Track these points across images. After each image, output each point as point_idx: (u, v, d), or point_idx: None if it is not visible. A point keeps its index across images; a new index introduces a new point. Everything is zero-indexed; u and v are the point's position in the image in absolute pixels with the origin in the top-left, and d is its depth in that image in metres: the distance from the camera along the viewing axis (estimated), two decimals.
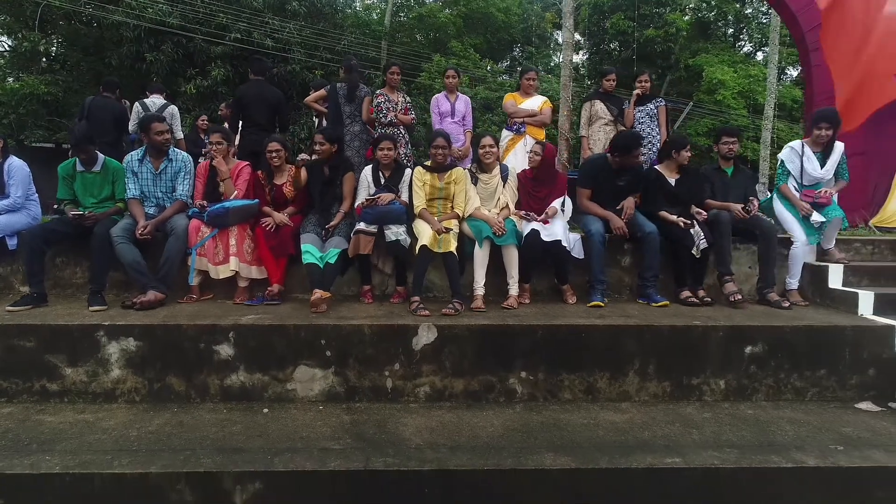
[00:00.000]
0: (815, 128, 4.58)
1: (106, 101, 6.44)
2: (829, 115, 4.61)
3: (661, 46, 26.24)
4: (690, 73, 26.98)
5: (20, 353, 3.47)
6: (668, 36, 26.06)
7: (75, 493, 2.64)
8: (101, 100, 6.47)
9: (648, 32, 25.93)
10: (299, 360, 3.54)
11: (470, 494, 2.72)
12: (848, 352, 3.71)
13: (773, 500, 2.79)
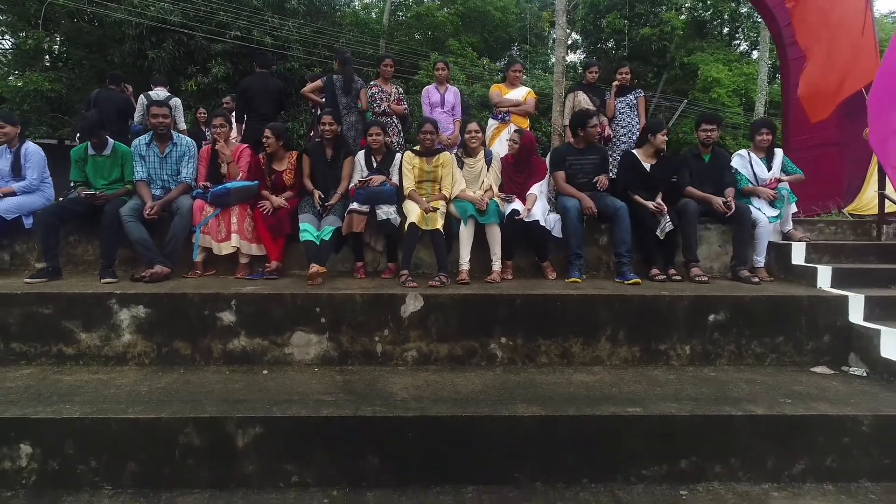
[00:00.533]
0: (757, 134, 5.00)
1: (111, 94, 6.75)
2: (767, 122, 5.08)
3: (656, 45, 26.47)
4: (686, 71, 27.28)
5: (38, 319, 3.76)
6: (664, 34, 26.30)
7: (94, 435, 2.93)
8: (106, 92, 6.78)
9: (644, 31, 26.17)
10: (296, 326, 3.84)
11: (449, 437, 3.01)
12: (804, 320, 4.01)
13: (724, 443, 3.08)
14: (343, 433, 3.00)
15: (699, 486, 3.05)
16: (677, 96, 26.68)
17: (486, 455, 3.00)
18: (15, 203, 4.42)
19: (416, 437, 3.01)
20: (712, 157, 4.92)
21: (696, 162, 4.94)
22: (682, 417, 3.10)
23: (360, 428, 3.00)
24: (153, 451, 2.94)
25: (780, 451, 3.10)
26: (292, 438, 2.98)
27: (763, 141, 4.99)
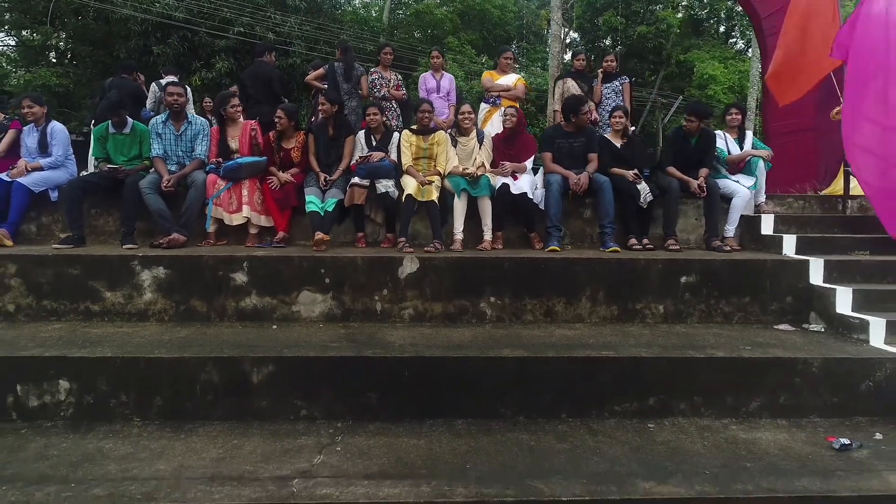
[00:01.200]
0: (727, 114, 5.45)
1: (123, 82, 7.10)
2: (736, 104, 5.49)
3: (652, 43, 26.77)
4: (682, 68, 27.61)
5: (67, 279, 4.12)
6: (660, 32, 26.60)
7: (124, 372, 3.29)
8: (119, 80, 7.13)
9: (640, 29, 26.47)
10: (302, 286, 4.20)
11: (441, 376, 3.37)
12: (769, 282, 4.37)
13: (688, 383, 3.44)
14: (346, 372, 3.36)
15: (665, 421, 3.41)
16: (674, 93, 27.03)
17: (475, 392, 3.36)
18: (42, 177, 4.78)
19: (411, 375, 3.37)
20: (699, 139, 5.23)
21: (683, 144, 5.28)
22: (651, 359, 3.47)
23: (361, 367, 3.37)
24: (177, 387, 3.30)
25: (738, 390, 3.46)
26: (301, 376, 3.34)
27: (733, 120, 5.38)
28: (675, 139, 5.35)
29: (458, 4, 27.76)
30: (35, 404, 3.26)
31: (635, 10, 27.00)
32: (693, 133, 5.20)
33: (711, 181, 5.06)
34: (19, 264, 4.12)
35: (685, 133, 5.26)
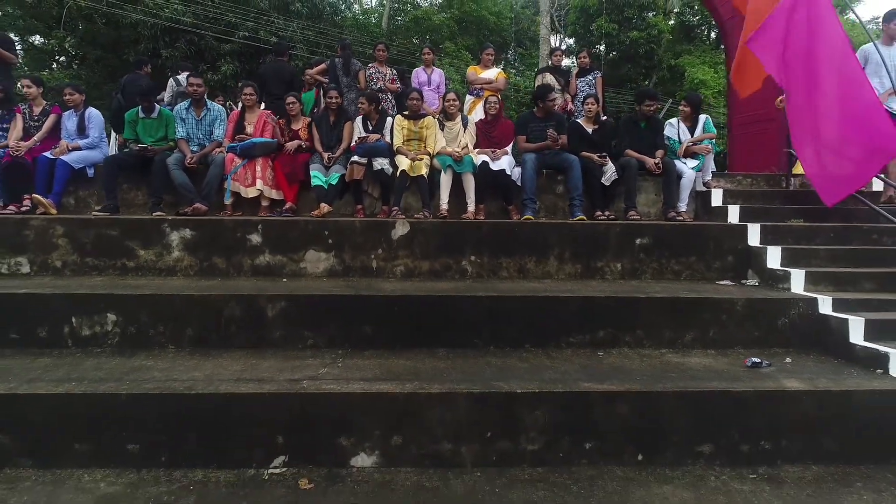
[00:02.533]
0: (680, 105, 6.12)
1: (137, 77, 7.78)
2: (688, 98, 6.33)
3: (644, 48, 27.49)
4: (674, 73, 28.34)
5: (107, 239, 4.80)
6: (651, 38, 27.33)
7: (161, 307, 3.95)
8: (133, 76, 7.82)
9: (632, 35, 27.18)
10: (309, 246, 4.87)
11: (426, 313, 4.04)
12: (713, 244, 5.04)
13: (632, 319, 4.11)
14: (346, 308, 4.03)
15: (612, 350, 4.08)
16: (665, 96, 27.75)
17: (454, 326, 4.03)
18: (81, 156, 5.45)
19: (401, 311, 4.04)
20: (648, 124, 5.95)
21: (635, 128, 5.97)
22: (601, 298, 4.15)
23: (359, 304, 4.04)
24: (205, 320, 3.97)
25: (675, 325, 4.13)
26: (308, 312, 4.01)
27: (683, 112, 6.09)
28: (628, 123, 6.05)
29: (455, 11, 28.56)
30: (87, 333, 3.92)
31: (627, 17, 27.76)
32: (643, 117, 5.89)
33: (668, 160, 5.75)
34: (66, 227, 4.80)
35: (637, 117, 5.96)
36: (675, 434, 3.25)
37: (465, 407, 3.19)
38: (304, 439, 3.14)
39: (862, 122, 4.68)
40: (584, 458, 3.21)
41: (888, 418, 3.29)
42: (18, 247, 4.75)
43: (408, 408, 3.19)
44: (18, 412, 3.08)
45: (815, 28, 5.19)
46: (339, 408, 3.17)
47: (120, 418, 3.09)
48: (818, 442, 3.27)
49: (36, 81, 5.72)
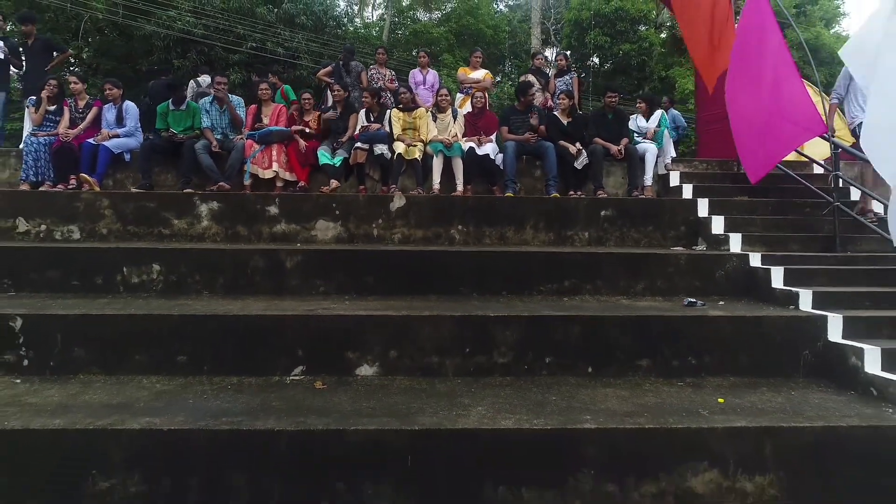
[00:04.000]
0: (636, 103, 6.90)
1: (161, 82, 8.66)
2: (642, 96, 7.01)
3: (636, 60, 28.44)
4: (665, 84, 29.30)
5: (146, 210, 5.58)
6: (643, 50, 28.30)
7: (198, 259, 4.74)
8: (158, 82, 8.70)
9: (624, 47, 28.13)
10: (319, 216, 5.66)
11: (418, 264, 4.82)
12: (667, 216, 5.83)
13: (592, 271, 4.89)
14: (352, 262, 4.83)
15: (575, 297, 4.84)
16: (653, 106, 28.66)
17: (443, 277, 4.80)
18: (119, 143, 6.26)
19: (398, 265, 4.83)
20: (614, 115, 6.77)
21: (603, 119, 6.80)
22: (567, 253, 4.95)
23: (361, 257, 4.84)
24: (234, 270, 4.75)
25: (628, 277, 4.91)
26: (320, 264, 4.80)
27: (639, 108, 6.98)
28: (597, 115, 6.89)
29: (453, 24, 29.64)
30: (135, 281, 4.71)
31: (620, 30, 28.74)
32: (610, 109, 6.73)
33: (631, 147, 6.57)
34: (111, 200, 5.60)
35: (605, 110, 6.81)
36: (620, 351, 4.02)
37: (448, 327, 3.97)
38: (319, 353, 3.92)
39: (791, 105, 5.49)
40: (545, 369, 3.98)
41: (792, 339, 4.07)
42: (70, 217, 5.54)
43: (402, 328, 3.97)
44: (90, 330, 3.86)
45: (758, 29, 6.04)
46: (347, 328, 3.96)
47: (171, 335, 3.87)
48: (735, 358, 4.04)
49: (81, 78, 6.56)
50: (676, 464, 3.16)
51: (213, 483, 3.03)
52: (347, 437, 3.11)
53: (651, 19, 29.50)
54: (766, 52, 5.84)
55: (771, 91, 5.78)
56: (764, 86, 5.91)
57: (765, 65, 5.87)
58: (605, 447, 3.15)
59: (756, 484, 3.18)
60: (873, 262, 5.00)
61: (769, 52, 5.82)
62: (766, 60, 5.87)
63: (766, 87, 5.92)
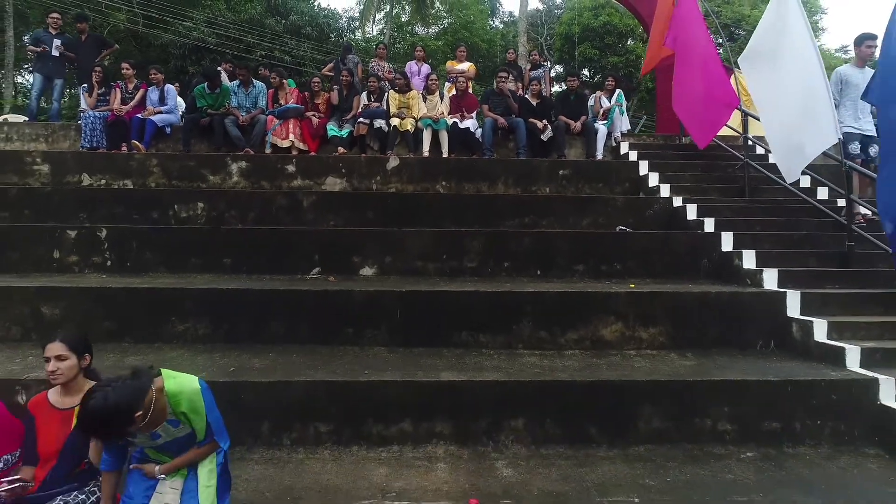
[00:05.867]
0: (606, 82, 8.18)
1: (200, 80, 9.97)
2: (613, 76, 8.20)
3: (623, 71, 29.89)
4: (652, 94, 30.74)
5: (187, 168, 6.84)
6: (630, 62, 29.77)
7: (232, 199, 5.99)
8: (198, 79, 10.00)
9: (612, 59, 29.61)
10: (328, 173, 6.91)
11: (410, 203, 6.07)
12: (615, 175, 7.09)
13: (547, 210, 6.13)
14: (356, 201, 6.07)
15: (533, 229, 6.08)
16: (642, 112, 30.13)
17: (427, 213, 6.03)
18: (162, 118, 7.55)
19: (392, 203, 6.08)
20: (575, 97, 8.09)
21: (566, 100, 8.12)
22: (527, 196, 6.21)
23: (365, 197, 6.10)
24: (262, 207, 5.99)
25: (576, 214, 6.14)
26: (330, 203, 6.05)
27: (608, 85, 8.24)
28: (562, 95, 8.19)
29: (450, 38, 31.19)
30: (184, 215, 5.94)
31: (608, 43, 30.25)
32: (573, 91, 8.05)
33: (588, 123, 7.87)
34: (158, 159, 6.86)
35: (568, 92, 8.12)
36: (561, 258, 5.26)
37: (430, 239, 5.22)
38: (331, 258, 5.15)
39: (715, 86, 6.77)
40: (503, 272, 5.21)
41: (694, 251, 5.30)
42: (125, 173, 6.79)
43: (395, 240, 5.21)
44: (156, 239, 5.10)
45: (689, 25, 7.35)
46: (352, 241, 5.20)
47: (217, 246, 5.12)
48: (651, 264, 5.26)
49: (132, 65, 7.86)
50: (591, 319, 4.38)
51: (259, 326, 4.26)
52: (354, 297, 4.35)
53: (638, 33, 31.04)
54: (697, 45, 7.15)
55: (702, 76, 7.08)
56: (697, 72, 7.22)
57: (696, 55, 7.18)
58: (539, 305, 4.38)
59: (649, 333, 4.40)
60: (773, 203, 6.25)
61: (700, 46, 7.13)
62: (697, 52, 7.17)
63: (699, 72, 7.22)
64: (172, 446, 2.48)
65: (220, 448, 2.55)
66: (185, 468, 2.50)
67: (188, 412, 2.39)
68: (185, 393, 2.39)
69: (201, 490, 2.47)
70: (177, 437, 2.46)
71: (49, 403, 2.66)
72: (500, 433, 3.51)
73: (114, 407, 2.10)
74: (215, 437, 2.50)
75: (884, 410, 3.56)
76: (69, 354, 2.61)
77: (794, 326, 4.34)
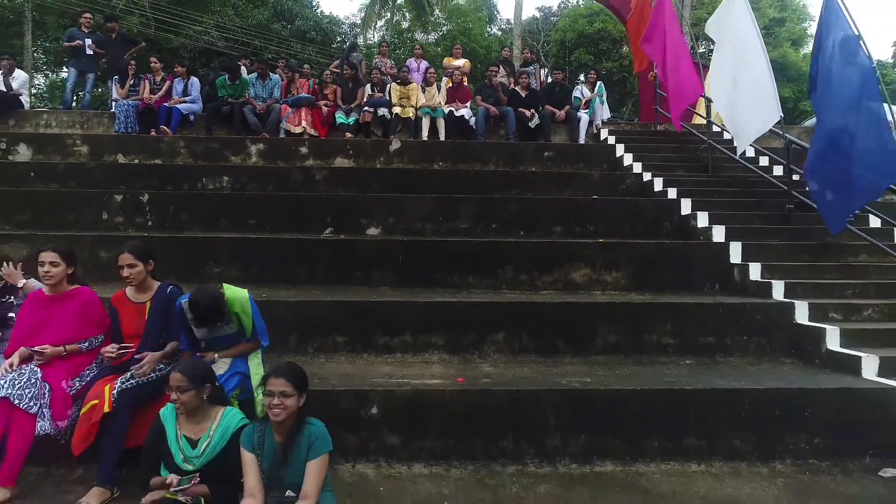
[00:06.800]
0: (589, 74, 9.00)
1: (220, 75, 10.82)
2: (594, 69, 9.03)
3: (617, 76, 30.78)
4: None
5: (210, 149, 7.63)
6: (623, 68, 30.68)
7: (254, 173, 6.79)
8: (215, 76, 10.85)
9: (606, 65, 30.47)
10: (337, 155, 7.71)
11: (413, 177, 6.87)
12: (594, 156, 7.91)
13: (531, 182, 6.93)
14: (362, 176, 6.88)
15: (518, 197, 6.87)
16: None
17: (425, 186, 6.81)
18: (187, 107, 8.36)
19: (396, 178, 6.88)
20: (560, 88, 8.93)
21: (552, 91, 8.95)
22: (515, 172, 7.00)
23: (371, 173, 6.91)
24: (279, 181, 6.78)
25: (557, 188, 6.94)
26: (340, 177, 6.85)
27: (590, 78, 9.07)
28: (548, 86, 9.03)
29: (448, 44, 32.12)
30: (211, 187, 6.72)
31: (602, 49, 31.13)
32: (558, 84, 8.88)
33: (571, 112, 8.70)
34: (185, 142, 7.67)
35: (553, 84, 8.96)
36: (542, 221, 6.05)
37: (428, 204, 6.02)
38: (341, 220, 5.94)
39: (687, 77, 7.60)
40: (491, 232, 6.00)
41: (658, 215, 6.10)
42: (155, 153, 7.58)
43: (397, 205, 6.01)
44: (191, 204, 5.90)
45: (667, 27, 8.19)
46: (360, 204, 5.99)
47: (242, 208, 5.91)
48: (621, 226, 6.03)
49: (159, 59, 8.70)
50: (564, 265, 5.18)
51: (283, 269, 5.05)
52: (362, 245, 5.15)
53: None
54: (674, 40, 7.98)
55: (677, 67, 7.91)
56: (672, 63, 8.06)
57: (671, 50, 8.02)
58: (522, 254, 5.18)
59: (613, 277, 5.20)
60: (731, 178, 7.05)
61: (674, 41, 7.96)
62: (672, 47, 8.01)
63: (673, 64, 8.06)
64: (221, 341, 3.29)
65: (263, 345, 3.35)
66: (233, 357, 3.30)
67: (240, 313, 3.22)
68: (237, 298, 3.21)
69: (253, 375, 3.27)
70: (226, 334, 3.27)
71: (127, 298, 3.44)
72: (483, 344, 4.30)
73: (214, 298, 3.00)
74: (258, 336, 3.30)
75: (798, 327, 4.35)
76: (137, 262, 3.38)
77: (735, 270, 5.14)
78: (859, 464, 3.44)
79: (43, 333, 3.31)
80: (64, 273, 3.39)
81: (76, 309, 3.41)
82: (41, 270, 3.35)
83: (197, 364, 2.85)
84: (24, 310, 3.43)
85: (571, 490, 3.15)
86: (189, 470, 2.57)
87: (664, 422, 3.46)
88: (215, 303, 3.07)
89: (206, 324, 3.11)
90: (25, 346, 3.25)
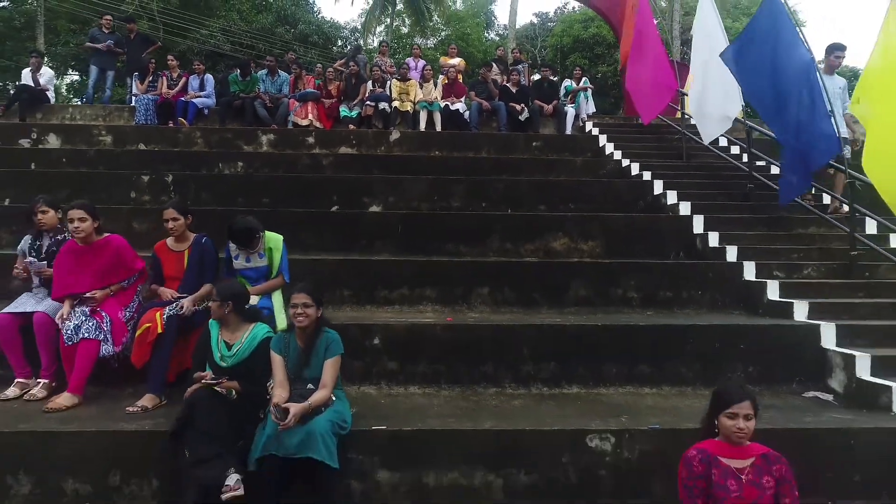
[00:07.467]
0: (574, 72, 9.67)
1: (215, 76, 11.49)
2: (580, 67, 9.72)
3: (612, 80, 31.44)
4: None
5: (225, 139, 8.29)
6: (618, 72, 31.30)
7: (266, 160, 7.44)
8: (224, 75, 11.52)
9: (601, 69, 31.19)
10: (341, 144, 8.36)
11: (411, 165, 7.52)
12: (579, 146, 8.57)
13: (519, 168, 7.58)
14: (364, 162, 7.53)
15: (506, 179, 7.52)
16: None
17: (423, 170, 7.47)
18: (202, 101, 9.04)
19: (395, 164, 7.53)
20: (549, 84, 9.60)
21: (541, 87, 9.63)
22: (506, 158, 7.65)
23: (372, 159, 7.56)
24: (289, 166, 7.43)
25: (543, 171, 7.58)
26: (344, 163, 7.51)
27: (575, 78, 9.74)
28: (537, 83, 9.70)
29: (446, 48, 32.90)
30: (227, 172, 7.37)
31: (598, 53, 31.85)
32: (546, 80, 9.56)
33: (559, 107, 9.37)
34: (201, 132, 8.33)
35: (542, 80, 9.63)
36: (528, 200, 6.68)
37: (424, 184, 6.67)
38: (346, 199, 6.57)
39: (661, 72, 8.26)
40: (482, 209, 6.64)
41: (633, 195, 6.74)
42: (174, 143, 8.24)
43: (396, 184, 6.65)
44: (210, 185, 6.55)
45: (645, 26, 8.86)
46: (363, 184, 6.64)
47: (257, 188, 6.55)
48: (600, 204, 6.66)
49: (177, 58, 9.37)
50: (545, 235, 5.82)
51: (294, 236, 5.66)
52: (366, 218, 5.79)
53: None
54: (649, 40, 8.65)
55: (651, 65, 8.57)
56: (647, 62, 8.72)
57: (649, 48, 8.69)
58: (508, 225, 5.83)
59: (588, 246, 5.84)
60: (703, 164, 7.71)
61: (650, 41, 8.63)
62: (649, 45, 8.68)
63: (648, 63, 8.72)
64: (252, 273, 3.94)
65: (286, 282, 4.01)
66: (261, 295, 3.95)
67: (273, 249, 3.92)
68: (273, 238, 3.96)
69: (276, 310, 3.93)
70: (258, 267, 3.93)
71: (167, 247, 4.08)
72: (470, 297, 4.94)
73: (248, 221, 3.83)
74: (283, 272, 3.96)
75: (746, 284, 4.99)
76: (179, 216, 4.02)
77: (697, 239, 5.78)
78: (787, 388, 4.07)
79: (83, 279, 3.76)
80: (92, 227, 3.81)
81: (111, 255, 3.88)
82: (71, 227, 3.73)
83: (226, 285, 3.45)
84: (62, 259, 3.82)
85: (541, 404, 3.78)
86: (223, 367, 3.20)
87: (622, 353, 4.10)
88: (248, 223, 3.88)
89: (239, 241, 3.78)
90: (70, 292, 3.73)
